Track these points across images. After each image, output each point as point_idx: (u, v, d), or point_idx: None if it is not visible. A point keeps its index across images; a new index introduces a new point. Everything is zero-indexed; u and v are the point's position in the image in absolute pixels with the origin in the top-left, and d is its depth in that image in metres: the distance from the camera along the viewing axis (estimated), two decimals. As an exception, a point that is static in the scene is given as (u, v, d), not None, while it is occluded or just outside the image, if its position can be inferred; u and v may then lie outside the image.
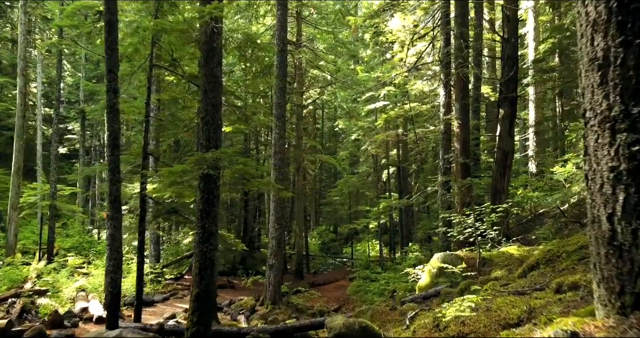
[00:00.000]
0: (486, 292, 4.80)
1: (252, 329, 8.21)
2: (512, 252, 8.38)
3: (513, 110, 12.39)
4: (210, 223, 6.91)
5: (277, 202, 14.37)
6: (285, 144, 15.28)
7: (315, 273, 24.42)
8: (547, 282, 4.37)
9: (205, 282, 6.76)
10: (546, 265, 5.46)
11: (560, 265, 5.12)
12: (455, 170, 12.65)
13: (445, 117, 13.12)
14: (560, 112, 23.11)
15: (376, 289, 16.71)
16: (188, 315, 6.69)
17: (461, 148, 12.63)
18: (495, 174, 12.39)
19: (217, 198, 7.08)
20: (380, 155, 26.96)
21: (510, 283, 5.04)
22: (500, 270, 7.59)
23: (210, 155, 6.47)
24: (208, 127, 7.01)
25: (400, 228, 26.59)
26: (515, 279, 5.69)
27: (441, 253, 8.83)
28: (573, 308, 2.93)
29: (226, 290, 17.66)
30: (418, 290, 9.00)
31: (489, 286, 5.27)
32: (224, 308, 13.72)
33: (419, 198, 14.20)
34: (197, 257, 6.83)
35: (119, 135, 8.52)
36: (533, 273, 5.29)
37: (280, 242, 14.51)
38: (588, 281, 3.26)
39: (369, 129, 25.84)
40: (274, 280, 14.20)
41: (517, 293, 4.10)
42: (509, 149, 12.32)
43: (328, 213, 36.30)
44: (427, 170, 21.06)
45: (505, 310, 3.37)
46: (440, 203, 12.86)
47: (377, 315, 7.24)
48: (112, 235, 8.23)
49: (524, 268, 5.77)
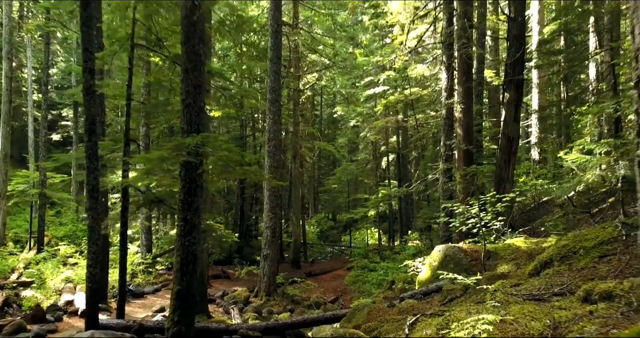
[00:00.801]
0: (496, 295, 4.25)
1: (241, 326, 7.71)
2: (518, 245, 7.84)
3: (519, 94, 11.75)
4: (192, 215, 6.35)
5: (272, 191, 13.82)
6: (280, 130, 14.67)
7: (313, 262, 23.97)
8: (568, 285, 3.82)
9: (187, 279, 6.21)
10: (561, 262, 4.91)
11: (578, 264, 4.57)
12: (458, 157, 12.06)
13: (447, 102, 12.49)
14: (565, 97, 22.43)
15: (374, 279, 16.25)
16: (168, 314, 6.17)
17: (464, 134, 12.03)
18: (500, 162, 11.81)
19: (201, 187, 6.51)
20: (380, 142, 26.33)
21: (522, 284, 4.49)
22: (506, 265, 7.06)
23: (190, 140, 5.88)
24: (189, 110, 6.40)
25: (400, 216, 26.12)
26: (526, 278, 5.14)
27: (443, 246, 8.29)
28: (612, 327, 2.38)
29: (220, 280, 17.20)
30: (418, 284, 8.49)
31: (498, 286, 4.72)
32: (216, 300, 13.25)
33: (419, 187, 13.64)
34: (179, 251, 6.27)
35: (96, 119, 7.90)
36: (547, 272, 4.74)
37: (275, 232, 14.00)
38: (625, 290, 2.71)
39: (368, 115, 25.16)
40: (268, 271, 13.73)
41: (533, 299, 3.55)
42: (514, 134, 11.72)
43: (326, 202, 35.84)
44: (428, 158, 20.46)
45: (524, 324, 2.82)
46: (441, 191, 12.30)
47: (373, 314, 6.71)
48: (91, 227, 7.68)
49: (536, 265, 5.22)
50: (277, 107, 13.87)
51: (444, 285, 7.17)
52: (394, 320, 6.04)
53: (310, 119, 30.26)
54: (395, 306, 6.87)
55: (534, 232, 9.90)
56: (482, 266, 7.32)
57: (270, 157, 13.75)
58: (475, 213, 7.86)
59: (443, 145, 12.51)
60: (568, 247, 5.05)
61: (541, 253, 6.54)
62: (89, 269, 7.55)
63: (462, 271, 7.61)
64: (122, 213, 8.45)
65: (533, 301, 3.50)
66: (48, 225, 24.04)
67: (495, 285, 4.79)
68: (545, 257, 5.17)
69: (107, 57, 9.31)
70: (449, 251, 7.99)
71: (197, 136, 5.96)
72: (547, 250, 5.39)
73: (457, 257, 7.82)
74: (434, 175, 13.21)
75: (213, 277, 17.33)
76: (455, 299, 6.31)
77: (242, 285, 16.06)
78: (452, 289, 6.59)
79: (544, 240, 7.73)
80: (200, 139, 5.94)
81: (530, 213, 14.64)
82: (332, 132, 39.21)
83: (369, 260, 19.50)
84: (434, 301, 6.75)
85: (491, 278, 6.22)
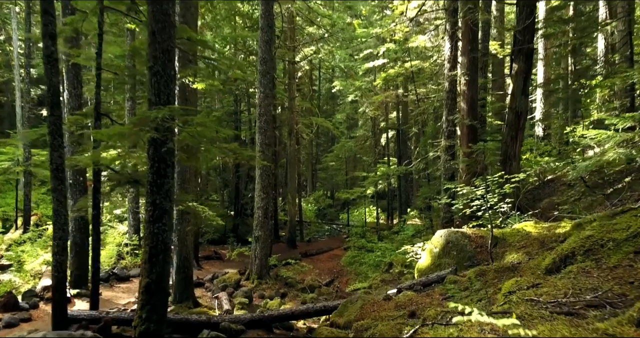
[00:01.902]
0: (511, 299, 3.54)
1: (224, 318, 7.06)
2: (528, 230, 7.11)
3: (528, 65, 10.86)
4: (162, 199, 5.59)
5: (264, 170, 13.05)
6: (272, 104, 13.80)
7: (310, 241, 23.40)
8: (603, 291, 3.09)
9: (158, 271, 5.51)
10: (586, 256, 4.18)
11: (609, 260, 3.83)
12: (461, 133, 11.25)
13: (450, 73, 11.58)
14: (572, 70, 21.44)
15: (372, 261, 15.67)
16: (137, 310, 5.49)
17: (468, 108, 11.18)
18: (506, 138, 11.00)
19: (172, 167, 5.73)
20: (379, 118, 25.41)
21: (542, 284, 3.75)
22: (515, 253, 6.35)
23: (156, 113, 5.07)
24: (157, 78, 5.57)
25: (399, 193, 25.43)
26: (543, 274, 4.41)
27: (444, 230, 7.57)
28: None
29: (212, 261, 16.61)
30: (417, 272, 7.81)
31: (512, 286, 3.99)
32: (205, 284, 12.65)
33: (419, 165, 12.87)
34: (147, 240, 5.55)
35: (59, 90, 7.06)
36: (570, 270, 4.00)
37: (267, 212, 13.30)
38: None
39: (367, 89, 24.17)
40: (260, 253, 13.10)
41: (563, 312, 2.82)
42: (522, 109, 10.87)
43: (324, 180, 35.13)
44: (428, 134, 19.61)
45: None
46: (442, 170, 11.54)
47: (367, 308, 6.04)
48: (57, 211, 6.94)
49: (554, 259, 4.49)
50: (269, 80, 12.97)
51: (446, 275, 6.49)
52: (389, 317, 5.36)
53: (308, 94, 29.27)
54: (392, 299, 6.19)
55: (542, 214, 9.18)
56: (488, 254, 6.62)
57: (262, 133, 12.93)
58: (481, 195, 7.12)
59: (445, 121, 11.67)
60: (593, 238, 4.30)
61: (557, 241, 5.82)
62: (55, 257, 6.86)
63: (466, 259, 6.93)
64: (93, 195, 7.70)
65: (563, 315, 2.77)
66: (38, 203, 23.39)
67: (509, 284, 4.07)
68: (566, 250, 4.43)
69: (77, 22, 8.40)
70: (452, 237, 7.28)
71: (163, 109, 5.15)
72: (568, 241, 4.64)
73: (460, 244, 7.11)
74: (435, 152, 12.42)
75: (205, 258, 16.75)
76: (459, 293, 5.62)
77: (234, 266, 15.48)
78: (456, 281, 5.89)
79: (557, 224, 7.00)
80: (167, 111, 5.13)
81: (535, 192, 13.89)
82: (331, 107, 38.20)
83: (366, 240, 18.90)
84: (435, 294, 6.06)
85: (500, 271, 5.51)
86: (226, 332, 6.79)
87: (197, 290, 12.24)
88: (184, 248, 10.07)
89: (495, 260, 6.39)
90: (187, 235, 10.03)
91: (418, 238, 15.19)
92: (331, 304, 6.99)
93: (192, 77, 9.21)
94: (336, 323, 6.22)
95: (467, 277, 5.74)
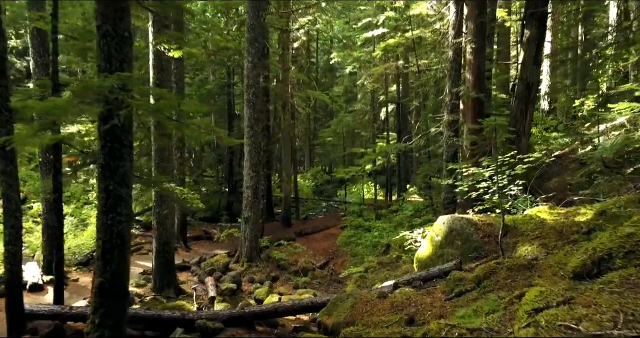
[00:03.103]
0: (538, 322, 2.72)
1: (200, 315, 6.32)
2: (542, 216, 6.29)
3: (542, 31, 9.86)
4: (117, 184, 4.74)
5: (253, 146, 12.16)
6: (260, 75, 12.78)
7: (306, 219, 22.69)
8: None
9: (113, 268, 4.70)
10: (627, 261, 3.36)
11: (662, 269, 3.01)
12: (466, 107, 10.32)
13: (455, 41, 10.54)
14: (582, 40, 20.26)
15: (368, 241, 14.95)
16: (89, 314, 4.71)
17: (474, 79, 10.22)
18: (515, 112, 10.10)
19: (129, 148, 4.85)
20: (379, 91, 24.31)
21: (576, 300, 2.93)
22: (529, 245, 5.54)
23: (101, 82, 4.16)
24: (107, 40, 4.63)
25: (398, 169, 24.60)
26: (572, 282, 3.59)
27: (448, 217, 6.75)
28: None
29: (201, 242, 15.88)
30: (416, 262, 7.03)
31: (534, 298, 3.17)
32: (191, 267, 11.93)
33: (420, 142, 11.98)
34: (100, 233, 4.72)
35: (5, 56, 6.10)
36: (610, 279, 3.18)
37: (257, 192, 12.49)
38: None
39: (366, 61, 23.00)
40: (250, 235, 12.36)
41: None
42: (533, 80, 9.94)
43: (321, 155, 34.24)
44: (429, 108, 18.63)
45: None
46: (445, 147, 10.66)
47: (359, 308, 5.27)
48: (6, 196, 6.10)
49: (585, 261, 3.66)
50: (257, 48, 11.93)
51: (449, 269, 5.70)
52: (383, 323, 4.59)
53: (305, 66, 28.06)
54: (387, 297, 5.42)
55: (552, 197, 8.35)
56: (498, 245, 5.82)
57: (250, 107, 11.97)
58: (489, 176, 6.26)
59: (448, 93, 10.71)
60: (636, 237, 3.47)
61: (579, 233, 5.00)
62: (7, 247, 6.05)
63: (471, 250, 6.13)
64: (54, 177, 6.85)
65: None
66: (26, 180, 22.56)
67: (531, 296, 3.25)
68: (601, 250, 3.60)
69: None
70: (456, 224, 6.46)
71: (111, 77, 4.23)
72: (601, 239, 3.81)
73: (465, 232, 6.30)
74: (437, 128, 11.52)
75: (194, 239, 16.04)
76: (465, 294, 4.83)
77: (225, 247, 14.78)
78: (461, 279, 5.10)
79: (575, 210, 6.17)
80: (116, 80, 4.21)
81: (542, 170, 13.03)
82: (329, 80, 36.92)
83: (363, 219, 18.16)
84: (437, 292, 5.29)
85: (514, 269, 4.71)
86: (202, 331, 6.06)
87: (182, 275, 11.56)
88: (164, 232, 9.30)
89: (505, 252, 5.59)
90: (166, 218, 9.22)
91: (417, 218, 14.44)
92: (319, 300, 6.23)
93: (167, 44, 8.21)
94: (324, 325, 5.47)
95: (475, 275, 4.94)
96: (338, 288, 11.77)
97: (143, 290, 9.38)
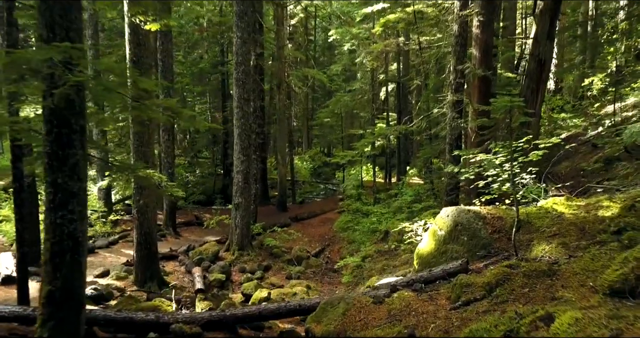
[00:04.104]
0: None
1: (177, 317, 5.68)
2: (560, 210, 5.60)
3: (557, 3, 8.99)
4: (67, 177, 4.02)
5: (243, 128, 11.41)
6: (251, 52, 11.95)
7: (303, 203, 22.08)
8: None
9: (64, 274, 4.03)
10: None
11: None
12: (472, 86, 9.53)
13: (462, 13, 9.65)
14: (593, 14, 19.26)
15: (366, 227, 14.33)
16: (36, 328, 4.06)
17: (481, 56, 9.39)
18: (525, 91, 9.32)
19: (81, 134, 4.10)
20: (378, 70, 23.37)
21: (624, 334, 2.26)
22: (546, 244, 4.86)
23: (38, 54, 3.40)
24: (49, 4, 3.86)
25: (398, 151, 23.89)
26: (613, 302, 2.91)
27: (452, 208, 6.05)
28: None
29: (192, 228, 15.24)
30: (417, 258, 6.36)
31: (568, 328, 2.50)
32: (179, 257, 11.32)
33: (422, 124, 11.20)
34: (49, 233, 4.03)
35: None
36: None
37: (248, 177, 11.78)
38: None
39: (365, 38, 22.00)
40: (241, 222, 11.71)
41: None
42: (546, 56, 9.13)
43: (318, 137, 33.41)
44: (431, 88, 17.76)
45: None
46: (448, 129, 9.89)
47: (351, 316, 4.62)
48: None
49: (627, 276, 2.98)
50: (247, 23, 11.05)
51: (455, 270, 5.04)
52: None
53: (303, 44, 27.03)
54: (384, 302, 4.77)
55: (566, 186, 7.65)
56: (509, 242, 5.14)
57: (240, 86, 11.17)
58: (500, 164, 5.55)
59: (453, 71, 9.89)
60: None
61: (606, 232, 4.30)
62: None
63: (479, 247, 5.46)
64: (12, 164, 6.14)
65: None
66: (3, 153, 21.77)
67: (564, 323, 2.57)
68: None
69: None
70: (462, 217, 5.76)
71: (48, 47, 3.46)
72: (645, 247, 3.11)
73: (472, 227, 5.61)
74: (440, 108, 10.73)
75: (184, 225, 15.40)
76: (474, 303, 4.16)
77: (216, 234, 14.15)
78: (469, 284, 4.43)
79: (597, 202, 5.46)
80: (55, 51, 3.44)
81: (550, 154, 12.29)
82: (328, 58, 35.82)
83: (361, 203, 17.53)
84: (440, 298, 4.63)
85: (532, 276, 4.03)
86: (177, 336, 5.43)
87: (169, 264, 10.96)
88: (145, 222, 8.62)
89: (519, 250, 4.91)
90: (147, 206, 8.54)
91: (418, 204, 13.77)
92: (308, 303, 5.58)
93: (142, 15, 7.38)
94: (311, 332, 4.83)
95: (485, 281, 4.28)
96: (333, 278, 11.19)
97: (124, 283, 8.76)
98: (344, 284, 10.32)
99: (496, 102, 5.04)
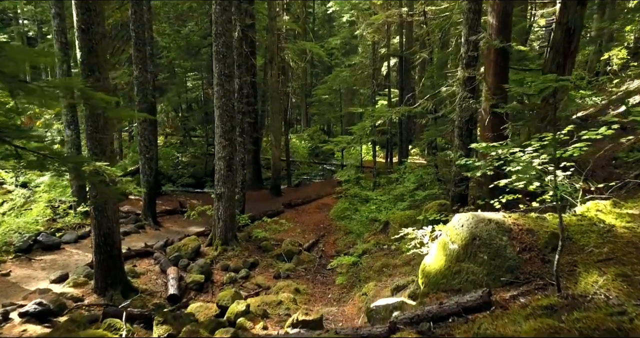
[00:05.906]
0: None
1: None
2: (608, 221, 4.33)
3: (591, -42, 7.49)
4: None
5: (224, 108, 10.07)
6: (232, 21, 10.52)
7: (299, 186, 20.83)
8: None
9: None
10: None
11: None
12: (488, 60, 8.12)
13: (476, -26, 8.18)
14: (614, -17, 17.51)
15: (365, 216, 13.13)
16: None
17: (498, 24, 7.95)
18: (550, 66, 7.91)
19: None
20: (380, 43, 21.74)
21: None
22: (598, 274, 3.60)
23: None
24: None
25: (400, 130, 22.47)
26: None
27: (468, 216, 4.79)
28: None
29: (175, 217, 14.01)
30: (422, 276, 5.13)
31: None
32: (155, 253, 10.13)
33: (428, 104, 9.83)
34: None
35: None
36: None
37: (232, 164, 10.52)
38: None
39: (365, 9, 20.34)
40: (224, 214, 10.51)
41: None
42: (576, 24, 7.68)
43: (315, 115, 31.91)
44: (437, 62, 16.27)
45: None
46: (458, 111, 8.56)
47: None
48: None
49: None
50: (227, -13, 9.58)
51: (472, 304, 3.82)
52: None
53: (301, 15, 25.31)
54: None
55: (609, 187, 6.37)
56: (546, 267, 3.89)
57: (220, 60, 9.76)
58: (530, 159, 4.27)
59: (465, 43, 8.46)
60: None
61: None
62: None
63: (504, 270, 4.23)
64: None
65: None
66: None
67: None
68: None
69: None
70: (480, 229, 4.51)
71: None
72: None
73: (494, 243, 4.36)
74: (449, 86, 9.35)
75: (167, 213, 14.20)
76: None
77: (200, 224, 12.98)
78: (496, 337, 3.19)
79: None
80: None
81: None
82: (327, 31, 33.99)
83: (360, 188, 16.29)
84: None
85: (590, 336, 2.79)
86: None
87: (143, 263, 9.80)
88: (105, 221, 7.40)
89: (561, 280, 3.67)
90: (106, 203, 7.30)
91: (421, 192, 12.52)
92: None
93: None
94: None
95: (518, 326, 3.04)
96: (327, 277, 10.05)
97: (82, 291, 7.60)
98: (337, 286, 9.18)
99: (533, 81, 3.71)
